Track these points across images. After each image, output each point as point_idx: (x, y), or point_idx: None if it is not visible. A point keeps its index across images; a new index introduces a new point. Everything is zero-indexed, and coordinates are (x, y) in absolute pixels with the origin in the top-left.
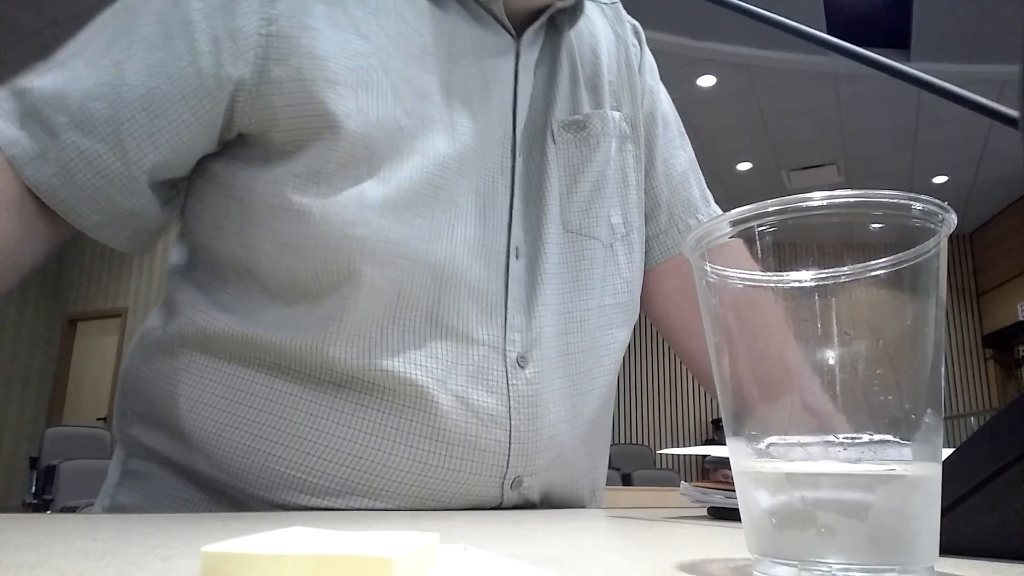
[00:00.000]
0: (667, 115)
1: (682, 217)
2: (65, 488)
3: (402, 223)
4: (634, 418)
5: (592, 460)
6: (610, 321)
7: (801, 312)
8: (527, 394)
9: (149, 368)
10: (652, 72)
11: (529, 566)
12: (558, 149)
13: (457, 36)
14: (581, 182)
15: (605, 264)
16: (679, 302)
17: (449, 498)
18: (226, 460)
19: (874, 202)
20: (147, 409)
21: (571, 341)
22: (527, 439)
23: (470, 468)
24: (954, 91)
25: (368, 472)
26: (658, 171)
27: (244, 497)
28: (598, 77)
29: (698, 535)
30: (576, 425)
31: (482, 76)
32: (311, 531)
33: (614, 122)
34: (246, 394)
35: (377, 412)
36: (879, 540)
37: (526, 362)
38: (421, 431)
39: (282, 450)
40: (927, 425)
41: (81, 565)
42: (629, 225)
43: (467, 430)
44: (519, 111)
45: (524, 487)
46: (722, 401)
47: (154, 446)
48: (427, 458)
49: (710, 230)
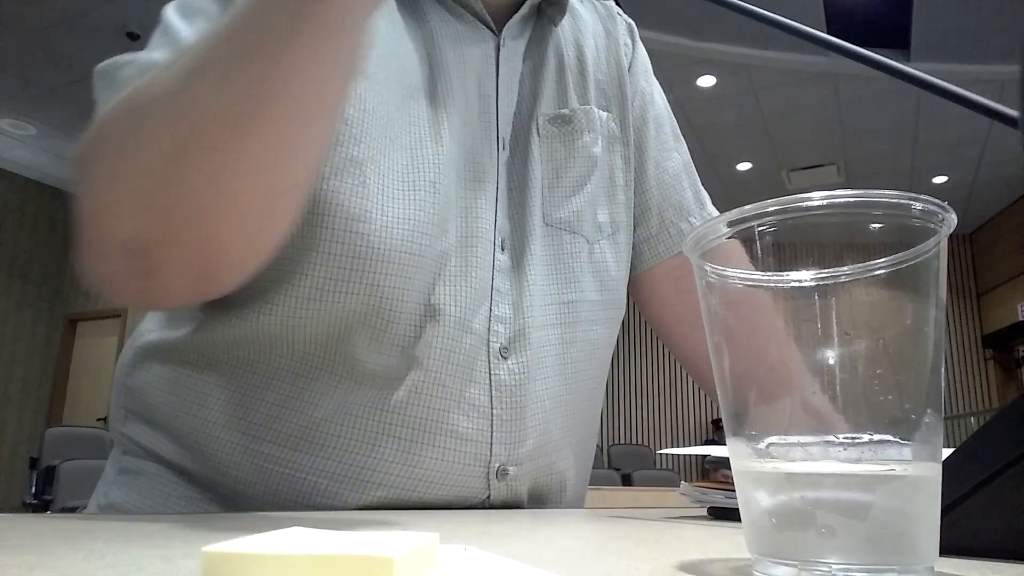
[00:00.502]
0: (660, 116)
1: (673, 221)
2: (65, 488)
3: (406, 217)
4: (634, 418)
5: (577, 456)
6: (596, 317)
7: (801, 312)
8: (510, 384)
9: (145, 371)
10: (645, 72)
11: (529, 566)
12: (542, 142)
13: (436, 29)
14: (564, 177)
15: (591, 260)
16: (674, 306)
17: (436, 488)
18: (220, 461)
19: (874, 202)
20: (141, 409)
21: (556, 334)
22: (510, 428)
23: (454, 457)
24: (954, 91)
25: (355, 464)
26: (649, 173)
27: (237, 496)
28: (585, 74)
29: (698, 535)
30: (562, 416)
31: (463, 69)
32: (311, 531)
33: (601, 121)
34: (242, 396)
35: (365, 406)
36: (879, 540)
37: (508, 353)
38: (405, 421)
39: (273, 448)
40: (927, 425)
41: (81, 565)
42: (616, 225)
43: (450, 420)
44: (501, 103)
45: (511, 478)
46: (722, 401)
47: (148, 444)
48: (411, 448)
49: (710, 230)
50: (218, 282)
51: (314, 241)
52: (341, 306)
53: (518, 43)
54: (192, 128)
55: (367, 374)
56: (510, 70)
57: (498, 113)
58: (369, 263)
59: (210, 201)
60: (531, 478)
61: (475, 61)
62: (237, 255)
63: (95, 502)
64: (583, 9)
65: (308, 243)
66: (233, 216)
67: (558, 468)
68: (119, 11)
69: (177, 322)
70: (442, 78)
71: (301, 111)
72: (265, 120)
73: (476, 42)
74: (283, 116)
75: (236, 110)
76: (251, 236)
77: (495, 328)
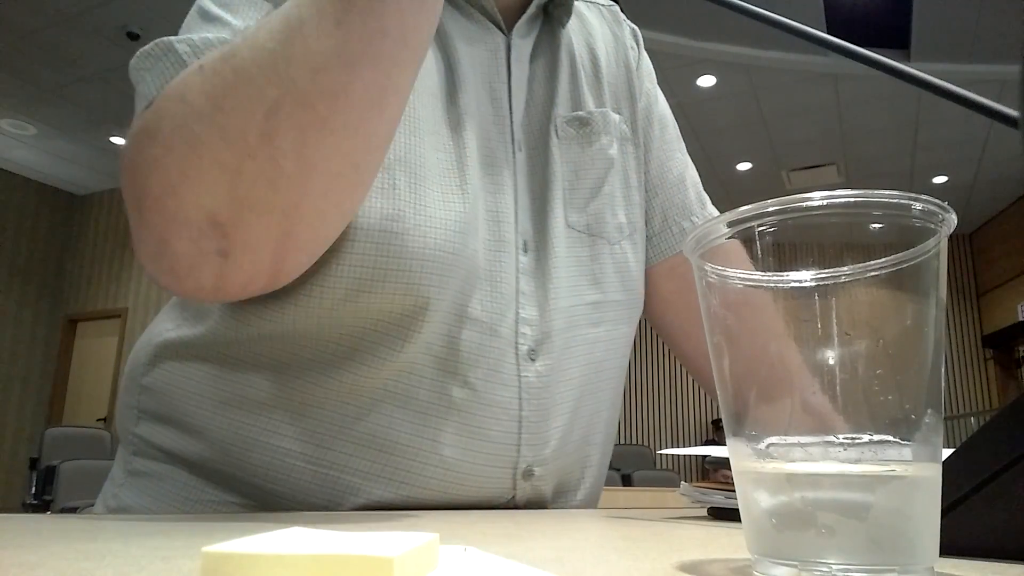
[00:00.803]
0: (664, 118)
1: (676, 220)
2: (65, 489)
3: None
4: (634, 418)
5: (601, 454)
6: (618, 316)
7: (801, 312)
8: (537, 386)
9: (164, 369)
10: (650, 75)
11: (529, 567)
12: (561, 144)
13: (446, 26)
14: (583, 179)
15: (613, 261)
16: (675, 304)
17: (466, 489)
18: (250, 459)
19: (874, 202)
20: (159, 408)
21: (582, 334)
22: (536, 429)
23: (484, 460)
24: (954, 91)
25: (388, 464)
26: (653, 173)
27: (264, 496)
28: (598, 77)
29: (698, 535)
30: (586, 415)
31: (474, 67)
32: (311, 531)
33: (614, 123)
34: (272, 393)
35: (396, 406)
36: (879, 540)
37: (536, 355)
38: (438, 424)
39: (305, 447)
40: (927, 425)
41: (81, 565)
42: (633, 225)
43: (479, 423)
44: (515, 104)
45: (536, 478)
46: (722, 401)
47: (165, 444)
48: (442, 449)
49: (710, 230)
50: (288, 266)
51: (346, 241)
52: (376, 306)
53: (526, 43)
54: (287, 87)
55: (398, 373)
56: (520, 71)
57: (511, 115)
58: (405, 263)
59: (297, 166)
60: (555, 477)
61: (485, 59)
62: (311, 233)
63: (103, 504)
64: (590, 14)
65: (340, 244)
66: (317, 184)
67: (581, 466)
68: (119, 11)
69: (198, 319)
70: (458, 76)
71: (394, 62)
72: (359, 72)
73: (485, 40)
74: (378, 68)
75: (333, 62)
76: (328, 212)
77: (522, 331)
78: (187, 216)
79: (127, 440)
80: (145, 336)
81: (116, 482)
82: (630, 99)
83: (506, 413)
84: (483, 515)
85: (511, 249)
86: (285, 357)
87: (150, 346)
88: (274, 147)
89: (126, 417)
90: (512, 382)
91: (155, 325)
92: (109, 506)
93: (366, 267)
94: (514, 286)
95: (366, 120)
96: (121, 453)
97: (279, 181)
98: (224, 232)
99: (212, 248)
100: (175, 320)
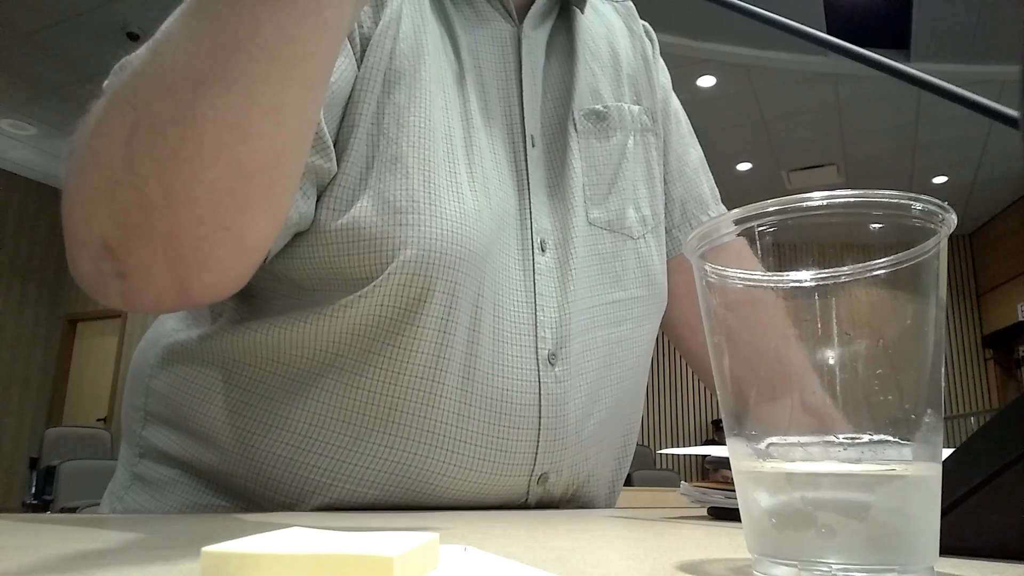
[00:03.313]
0: (678, 111)
1: (695, 213)
2: (65, 488)
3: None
4: None
5: (618, 455)
6: (641, 313)
7: (801, 312)
8: (556, 392)
9: (173, 373)
10: (664, 71)
11: (529, 567)
12: (580, 138)
13: (454, 15)
14: (603, 174)
15: (637, 256)
16: (683, 298)
17: (483, 497)
18: (262, 470)
19: (874, 202)
20: (167, 412)
21: (603, 335)
22: (554, 436)
23: (501, 470)
24: (954, 91)
25: (406, 476)
26: (672, 166)
27: (274, 503)
28: (617, 70)
29: (698, 535)
30: (602, 417)
31: (481, 59)
32: (311, 531)
33: (633, 115)
34: (284, 405)
35: (414, 415)
36: (879, 540)
37: (556, 360)
38: (455, 434)
39: (318, 459)
40: (927, 425)
41: (81, 565)
42: (657, 217)
43: (499, 432)
44: (527, 97)
45: (550, 483)
46: (722, 401)
47: (171, 450)
48: (461, 460)
49: (710, 230)
50: (196, 286)
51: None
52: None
53: (539, 34)
54: (141, 111)
55: (417, 380)
56: (533, 63)
57: (523, 108)
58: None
59: (159, 193)
60: (567, 480)
61: (494, 51)
62: (204, 254)
63: (109, 507)
64: (605, 8)
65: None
66: (186, 211)
67: (595, 469)
68: (119, 11)
69: (206, 320)
70: (466, 68)
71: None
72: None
73: (494, 31)
74: (232, 88)
75: (180, 83)
76: (214, 235)
77: (542, 335)
78: (83, 239)
79: (133, 441)
80: (151, 336)
81: (122, 484)
82: (650, 90)
83: (526, 422)
84: (484, 515)
85: (526, 250)
86: (300, 360)
87: (157, 347)
88: (135, 174)
89: (132, 419)
90: (532, 389)
91: (160, 325)
92: (115, 509)
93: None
94: (531, 287)
95: (227, 146)
96: (126, 453)
97: (147, 207)
98: (115, 255)
99: (110, 270)
100: (183, 320)
